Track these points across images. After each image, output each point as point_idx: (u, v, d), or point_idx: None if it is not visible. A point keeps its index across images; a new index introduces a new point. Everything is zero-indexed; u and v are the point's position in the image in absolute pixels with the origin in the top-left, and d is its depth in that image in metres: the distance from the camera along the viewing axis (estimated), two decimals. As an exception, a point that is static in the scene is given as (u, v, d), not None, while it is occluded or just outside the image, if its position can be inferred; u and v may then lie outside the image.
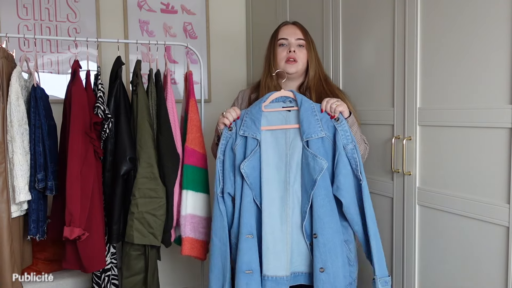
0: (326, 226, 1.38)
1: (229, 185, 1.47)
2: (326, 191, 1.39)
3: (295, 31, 1.61)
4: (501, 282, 1.31)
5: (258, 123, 1.46)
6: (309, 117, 1.43)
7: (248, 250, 1.41)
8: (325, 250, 1.38)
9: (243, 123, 1.48)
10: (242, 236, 1.42)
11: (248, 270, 1.41)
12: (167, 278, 2.64)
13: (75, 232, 1.67)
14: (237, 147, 1.47)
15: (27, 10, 2.40)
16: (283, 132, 1.47)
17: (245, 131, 1.47)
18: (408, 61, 1.58)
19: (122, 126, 1.85)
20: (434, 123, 1.50)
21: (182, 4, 2.71)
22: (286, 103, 1.50)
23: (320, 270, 1.38)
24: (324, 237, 1.38)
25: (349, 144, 1.41)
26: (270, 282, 1.42)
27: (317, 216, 1.38)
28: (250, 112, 1.49)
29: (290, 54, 1.58)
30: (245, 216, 1.43)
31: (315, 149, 1.40)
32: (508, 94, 1.26)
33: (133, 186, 1.83)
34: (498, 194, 1.30)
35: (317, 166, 1.38)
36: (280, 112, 1.49)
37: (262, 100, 1.49)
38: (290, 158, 1.44)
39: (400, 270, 1.68)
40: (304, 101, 1.46)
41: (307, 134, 1.41)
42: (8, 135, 1.68)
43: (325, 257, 1.38)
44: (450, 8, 1.43)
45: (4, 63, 1.69)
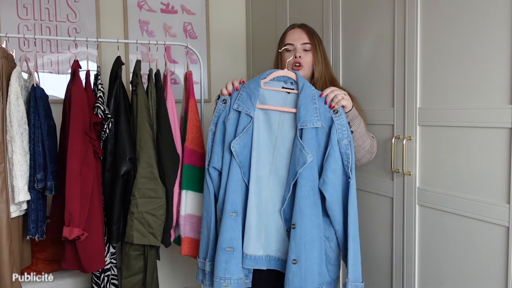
0: (306, 218, 1.35)
1: (216, 159, 1.44)
2: (312, 183, 1.36)
3: (301, 35, 1.60)
4: (501, 282, 1.30)
5: (254, 99, 1.41)
6: (307, 104, 1.38)
7: (230, 228, 1.40)
8: (301, 243, 1.35)
9: (238, 97, 1.44)
10: (225, 214, 1.40)
11: (229, 247, 1.40)
12: (166, 278, 2.64)
13: (75, 232, 1.67)
14: (229, 122, 1.43)
15: (27, 10, 2.40)
16: (278, 113, 1.43)
17: (239, 106, 1.43)
18: (408, 61, 1.58)
19: (122, 126, 1.85)
20: (434, 123, 1.50)
21: (182, 4, 2.71)
22: (287, 84, 1.44)
23: (292, 262, 1.36)
24: (301, 229, 1.35)
25: (344, 139, 1.38)
26: (249, 261, 1.42)
27: (298, 207, 1.36)
28: (247, 86, 1.44)
29: (296, 60, 1.58)
30: (230, 193, 1.41)
31: (307, 139, 1.36)
32: (508, 94, 1.26)
33: (133, 186, 1.83)
34: (498, 194, 1.30)
35: (301, 158, 1.35)
36: (279, 93, 1.43)
37: (261, 76, 1.45)
38: (280, 142, 1.42)
39: (400, 270, 1.67)
40: (305, 86, 1.40)
41: (302, 121, 1.37)
42: (8, 135, 1.67)
43: (299, 249, 1.35)
44: (450, 8, 1.43)
45: (4, 63, 1.69)
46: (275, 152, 1.43)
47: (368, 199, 1.82)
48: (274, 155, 1.42)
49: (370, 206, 1.82)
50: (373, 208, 1.80)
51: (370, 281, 1.83)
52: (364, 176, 1.82)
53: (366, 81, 1.81)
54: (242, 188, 1.43)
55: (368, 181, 1.81)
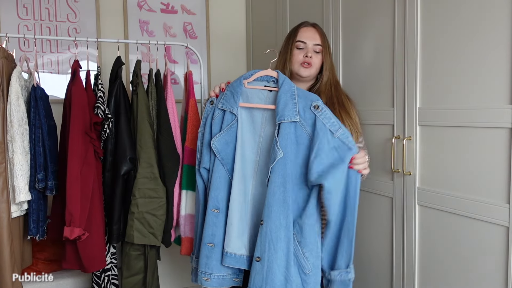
0: (273, 215, 1.32)
1: (206, 159, 1.46)
2: (282, 179, 1.33)
3: (315, 35, 1.59)
4: (501, 282, 1.31)
5: (237, 97, 1.43)
6: (287, 99, 1.37)
7: (212, 224, 1.42)
8: (266, 240, 1.32)
9: (223, 96, 1.46)
10: (208, 209, 1.42)
11: (210, 243, 1.41)
12: (167, 278, 2.64)
13: (75, 232, 1.67)
14: (214, 121, 1.45)
15: (27, 10, 2.40)
16: (261, 111, 1.43)
17: (223, 104, 1.44)
18: (408, 61, 1.58)
19: (122, 126, 1.85)
20: (434, 123, 1.50)
21: (182, 4, 2.71)
22: (269, 83, 1.45)
23: (256, 259, 1.34)
24: (267, 226, 1.32)
25: (338, 130, 1.32)
26: (229, 259, 1.40)
27: (267, 203, 1.33)
28: (231, 86, 1.47)
29: (306, 59, 1.56)
30: (213, 190, 1.42)
31: (284, 134, 1.34)
32: (508, 94, 1.26)
33: (133, 186, 1.83)
34: (498, 194, 1.30)
35: (273, 154, 1.34)
36: (261, 91, 1.44)
37: (244, 76, 1.47)
38: (263, 141, 1.42)
39: (400, 270, 1.68)
40: (285, 83, 1.40)
41: (280, 116, 1.35)
42: (8, 135, 1.68)
43: (263, 247, 1.32)
44: (450, 8, 1.43)
45: (4, 63, 1.69)
46: (258, 150, 1.43)
47: (368, 199, 1.82)
48: (258, 154, 1.43)
49: (370, 206, 1.82)
50: (373, 208, 1.81)
51: (370, 281, 1.83)
52: (364, 176, 1.82)
53: (366, 81, 1.81)
54: (225, 185, 1.43)
55: (368, 181, 1.81)
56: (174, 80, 2.71)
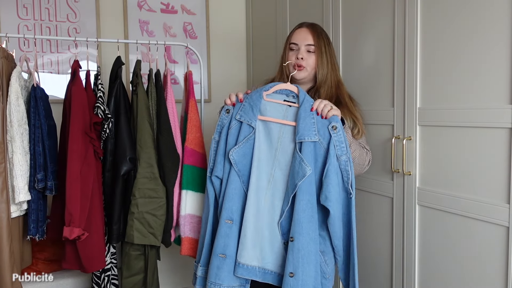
0: (304, 231, 1.36)
1: (219, 168, 1.46)
2: (309, 197, 1.36)
3: (306, 35, 1.58)
4: (501, 282, 1.31)
5: (256, 110, 1.43)
6: (306, 118, 1.39)
7: (225, 235, 1.42)
8: (299, 256, 1.35)
9: (241, 107, 1.46)
10: (222, 220, 1.43)
11: (222, 254, 1.41)
12: (166, 278, 2.64)
13: (75, 232, 1.67)
14: (231, 131, 1.45)
15: (27, 10, 2.40)
16: (278, 126, 1.44)
17: (241, 116, 1.44)
18: (408, 61, 1.58)
19: (122, 126, 1.85)
20: (434, 123, 1.50)
21: (182, 4, 2.71)
22: (289, 97, 1.46)
23: (289, 275, 1.35)
24: (299, 243, 1.35)
25: (343, 156, 1.37)
26: (241, 270, 1.41)
27: (297, 219, 1.36)
28: (250, 97, 1.46)
29: (297, 61, 1.56)
30: (227, 201, 1.43)
31: (306, 152, 1.37)
32: (508, 94, 1.26)
33: (133, 186, 1.83)
34: (498, 194, 1.30)
35: (300, 171, 1.36)
36: (280, 105, 1.45)
37: (264, 88, 1.46)
38: (280, 154, 1.43)
39: (400, 270, 1.68)
40: (306, 100, 1.42)
41: (300, 135, 1.38)
42: (8, 135, 1.68)
43: (297, 263, 1.35)
44: (450, 8, 1.43)
45: (4, 63, 1.69)
46: (274, 164, 1.43)
47: (368, 199, 1.82)
48: (273, 167, 1.43)
49: (370, 206, 1.82)
50: (373, 208, 1.80)
51: (370, 281, 1.83)
52: (364, 176, 1.82)
53: (366, 81, 1.81)
54: (240, 196, 1.44)
55: (368, 181, 1.81)
56: (174, 80, 2.71)
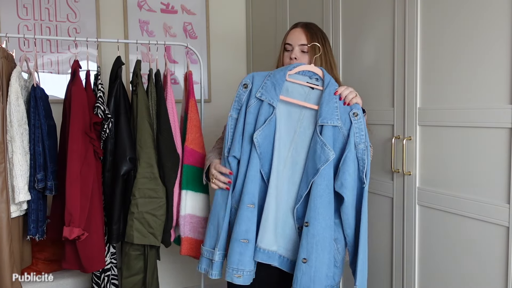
0: (320, 217, 1.33)
1: (237, 148, 1.40)
2: (327, 182, 1.33)
3: (300, 36, 1.56)
4: (501, 282, 1.30)
5: (279, 89, 1.38)
6: (330, 102, 1.35)
7: (247, 219, 1.37)
8: (313, 242, 1.32)
9: (262, 85, 1.39)
10: (243, 205, 1.37)
11: (244, 239, 1.37)
12: (166, 278, 2.64)
13: (75, 232, 1.67)
14: (249, 109, 1.39)
15: (27, 10, 2.40)
16: (299, 108, 1.39)
17: (262, 94, 1.38)
18: (408, 61, 1.58)
19: (122, 126, 1.85)
20: (434, 123, 1.50)
21: (182, 4, 2.71)
22: (312, 79, 1.41)
23: (302, 260, 1.33)
24: (315, 228, 1.32)
25: (361, 144, 1.35)
26: (261, 254, 1.38)
27: (314, 205, 1.33)
28: (273, 76, 1.40)
29: (291, 62, 1.54)
30: (249, 185, 1.37)
31: (326, 136, 1.33)
32: (508, 94, 1.26)
33: (133, 186, 1.83)
34: (498, 194, 1.30)
35: (323, 155, 1.32)
36: (302, 87, 1.40)
37: (288, 68, 1.41)
38: (298, 137, 1.39)
39: (400, 270, 1.68)
40: (331, 83, 1.37)
41: (323, 118, 1.33)
42: (8, 135, 1.68)
43: (311, 248, 1.32)
44: (450, 8, 1.43)
45: (4, 63, 1.69)
46: (291, 147, 1.39)
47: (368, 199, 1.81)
48: (290, 150, 1.39)
49: (370, 206, 1.81)
50: (373, 208, 1.80)
51: (370, 281, 1.82)
52: (364, 176, 1.82)
53: (366, 81, 1.81)
54: (260, 179, 1.39)
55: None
56: (174, 80, 2.71)
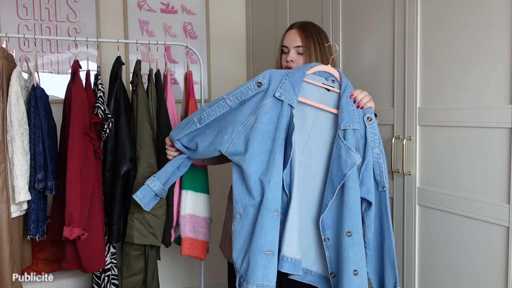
0: (360, 224, 1.26)
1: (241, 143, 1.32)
2: (358, 186, 1.28)
3: (295, 37, 1.55)
4: (501, 282, 1.31)
5: (298, 89, 1.31)
6: (348, 105, 1.31)
7: (272, 228, 1.26)
8: (359, 251, 1.26)
9: (281, 84, 1.32)
10: (268, 213, 1.26)
11: (269, 251, 1.25)
12: (167, 278, 2.64)
13: (75, 232, 1.67)
14: (264, 109, 1.31)
15: (27, 10, 2.40)
16: (314, 110, 1.34)
17: (282, 94, 1.30)
18: (408, 61, 1.58)
19: (122, 126, 1.85)
20: (434, 123, 1.50)
21: (182, 4, 2.71)
22: (328, 81, 1.36)
23: (354, 273, 1.25)
24: (358, 236, 1.25)
25: (376, 148, 1.32)
26: (288, 264, 1.28)
27: (353, 212, 1.25)
28: (291, 75, 1.33)
29: (288, 64, 1.54)
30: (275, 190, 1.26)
31: (349, 141, 1.28)
32: (508, 94, 1.26)
33: (133, 186, 1.83)
34: (498, 194, 1.30)
35: (349, 160, 1.26)
36: (318, 88, 1.35)
37: (306, 67, 1.35)
38: (312, 141, 1.33)
39: (400, 270, 1.68)
40: (348, 86, 1.34)
41: (345, 122, 1.29)
42: (8, 135, 1.68)
43: (358, 258, 1.25)
44: (450, 8, 1.43)
45: (4, 63, 1.69)
46: (304, 151, 1.33)
47: (368, 199, 1.82)
48: (304, 154, 1.33)
49: (370, 206, 1.82)
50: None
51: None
52: (364, 176, 1.82)
53: (366, 81, 1.81)
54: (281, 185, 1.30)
55: (368, 181, 1.81)
56: (174, 80, 2.71)
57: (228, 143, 1.33)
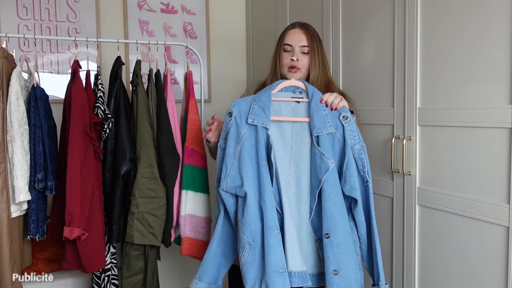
0: (339, 225, 1.30)
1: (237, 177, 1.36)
2: (336, 189, 1.32)
3: (301, 37, 1.56)
4: (501, 282, 1.31)
5: (268, 111, 1.38)
6: (318, 111, 1.36)
7: (279, 246, 1.31)
8: (339, 251, 1.30)
9: (251, 110, 1.39)
10: (271, 233, 1.30)
11: (282, 268, 1.30)
12: (167, 278, 2.64)
13: (75, 232, 1.67)
14: (245, 137, 1.37)
15: (27, 10, 2.39)
16: (290, 124, 1.40)
17: (254, 119, 1.37)
18: (408, 61, 1.58)
19: (122, 126, 1.85)
20: (434, 123, 1.50)
21: (182, 4, 2.71)
22: (295, 93, 1.42)
23: (333, 273, 1.29)
24: (337, 237, 1.30)
25: (356, 145, 1.36)
26: (297, 278, 1.33)
27: (329, 214, 1.30)
28: (258, 99, 1.40)
29: (292, 63, 1.55)
30: (270, 210, 1.32)
31: (324, 145, 1.34)
32: (508, 94, 1.26)
33: (133, 186, 1.83)
34: (498, 194, 1.30)
35: (323, 165, 1.32)
36: (288, 103, 1.41)
37: (271, 87, 1.42)
38: (296, 153, 1.39)
39: (400, 270, 1.68)
40: (315, 93, 1.39)
41: (317, 129, 1.35)
42: (8, 135, 1.68)
43: (339, 259, 1.30)
44: (450, 8, 1.43)
45: (4, 63, 1.69)
46: (291, 164, 1.39)
47: (368, 199, 1.82)
48: (291, 167, 1.39)
49: (370, 206, 1.82)
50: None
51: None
52: (364, 176, 1.82)
53: (366, 81, 1.81)
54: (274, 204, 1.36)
55: (368, 181, 1.81)
56: (174, 80, 2.71)
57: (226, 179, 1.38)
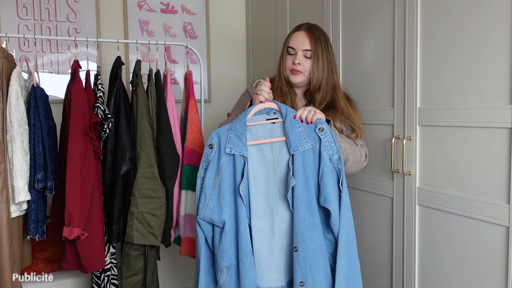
0: (307, 240, 1.34)
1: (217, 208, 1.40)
2: (307, 204, 1.35)
3: (304, 40, 1.55)
4: (501, 282, 1.31)
5: (244, 139, 1.40)
6: (293, 129, 1.39)
7: (251, 269, 1.38)
8: (305, 264, 1.34)
9: (228, 140, 1.42)
10: (246, 257, 1.37)
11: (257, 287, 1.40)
12: (166, 278, 2.63)
13: (75, 232, 1.67)
14: (223, 167, 1.40)
15: (27, 10, 2.40)
16: (269, 145, 1.42)
17: (231, 149, 1.40)
18: (408, 61, 1.58)
19: (122, 126, 1.85)
20: (434, 123, 1.50)
21: (182, 4, 2.71)
22: (270, 114, 1.45)
23: (300, 284, 1.35)
24: (304, 251, 1.34)
25: (335, 155, 1.37)
26: None
27: (298, 229, 1.35)
28: (234, 127, 1.43)
29: (294, 66, 1.55)
30: (245, 236, 1.38)
31: (297, 162, 1.36)
32: (508, 94, 1.26)
33: (133, 186, 1.83)
34: (498, 194, 1.30)
35: (289, 183, 1.35)
36: (265, 125, 1.43)
37: (245, 114, 1.44)
38: (278, 172, 1.41)
39: (400, 270, 1.68)
40: (289, 112, 1.41)
41: (294, 147, 1.37)
42: (8, 135, 1.68)
43: (305, 271, 1.34)
44: (450, 8, 1.43)
45: (4, 63, 1.69)
46: (277, 182, 1.41)
47: (368, 199, 1.82)
48: (277, 187, 1.41)
49: (370, 206, 1.82)
50: (373, 208, 1.80)
51: (370, 281, 1.83)
52: (364, 176, 1.82)
53: (366, 81, 1.81)
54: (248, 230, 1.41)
55: (368, 181, 1.81)
56: (174, 80, 2.71)
57: (204, 208, 1.40)
